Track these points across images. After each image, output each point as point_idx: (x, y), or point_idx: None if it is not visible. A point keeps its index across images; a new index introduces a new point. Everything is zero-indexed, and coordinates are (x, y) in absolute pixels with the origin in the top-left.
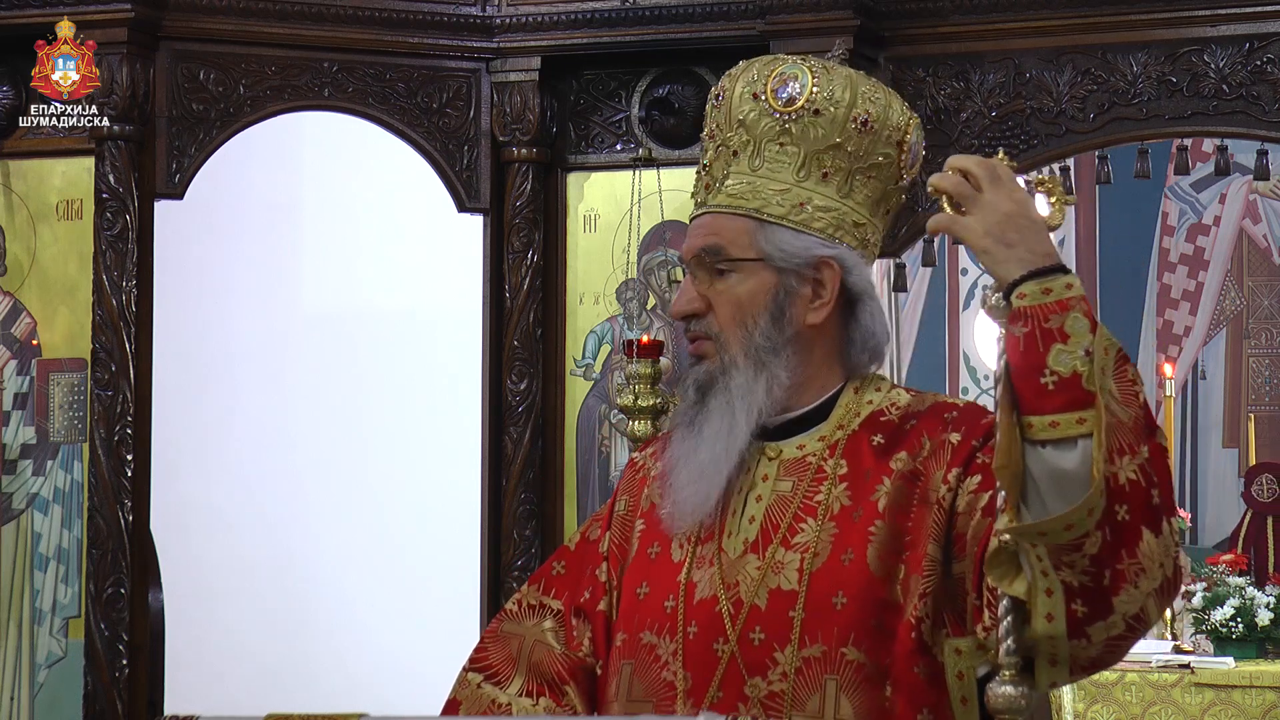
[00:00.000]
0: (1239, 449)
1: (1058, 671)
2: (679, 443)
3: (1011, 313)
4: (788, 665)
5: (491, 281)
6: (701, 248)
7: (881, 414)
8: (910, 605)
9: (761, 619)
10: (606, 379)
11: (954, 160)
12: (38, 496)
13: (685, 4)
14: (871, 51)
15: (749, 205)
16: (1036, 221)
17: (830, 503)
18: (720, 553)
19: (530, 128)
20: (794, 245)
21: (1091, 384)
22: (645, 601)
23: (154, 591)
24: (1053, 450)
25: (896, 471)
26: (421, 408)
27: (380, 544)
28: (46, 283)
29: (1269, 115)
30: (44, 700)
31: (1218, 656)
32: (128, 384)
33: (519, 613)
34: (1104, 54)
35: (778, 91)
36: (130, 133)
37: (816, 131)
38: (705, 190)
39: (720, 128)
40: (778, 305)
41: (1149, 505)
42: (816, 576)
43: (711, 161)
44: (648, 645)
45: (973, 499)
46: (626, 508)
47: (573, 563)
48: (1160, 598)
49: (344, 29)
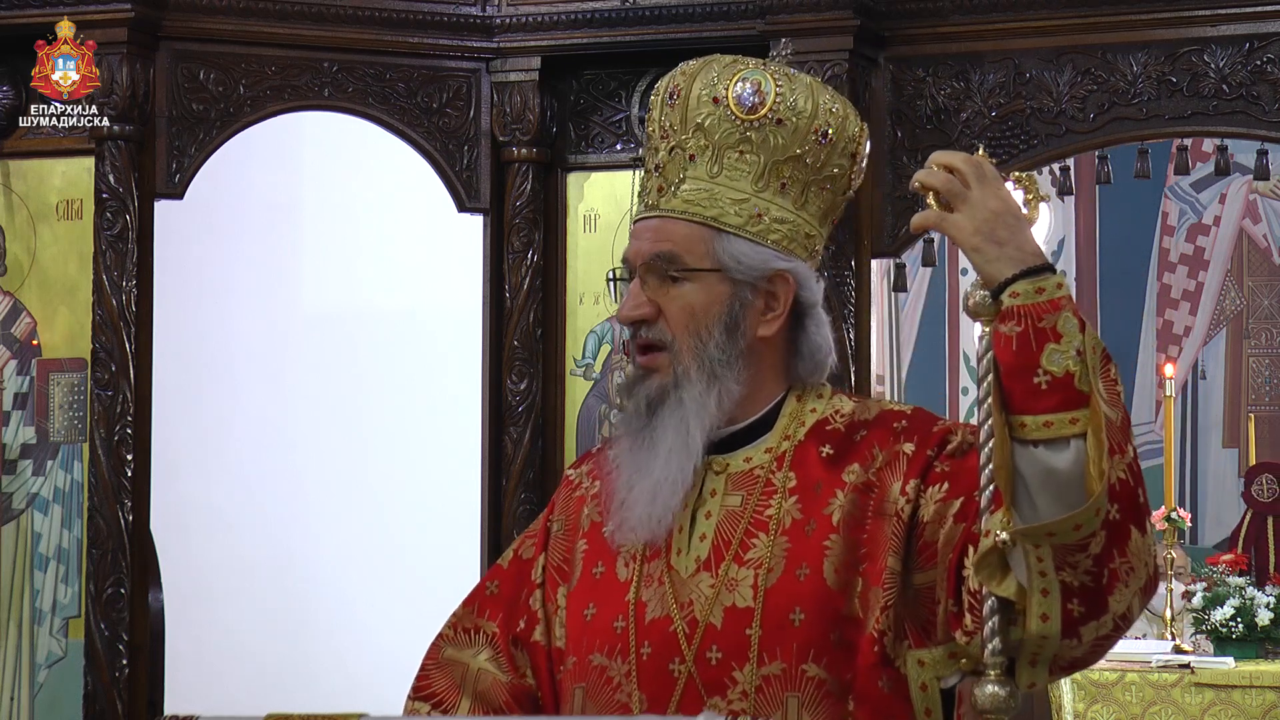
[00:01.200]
0: (1239, 449)
1: (1037, 672)
2: (628, 456)
3: (1002, 311)
4: (747, 684)
5: (491, 281)
6: (655, 253)
7: (827, 422)
8: (871, 619)
9: (718, 638)
10: (606, 379)
11: (938, 156)
12: (38, 496)
13: (685, 4)
14: (871, 51)
15: (706, 213)
16: (1022, 219)
17: (781, 516)
18: (669, 570)
19: (530, 128)
20: (751, 257)
21: (1084, 384)
22: (593, 623)
23: (154, 591)
24: (1045, 450)
25: (849, 484)
26: (421, 408)
27: (380, 544)
28: (46, 283)
29: (1269, 115)
30: (44, 700)
31: (1218, 656)
32: (128, 384)
33: (456, 637)
34: (1104, 54)
35: (740, 98)
36: (130, 133)
37: (778, 141)
38: (658, 193)
39: (674, 128)
40: (732, 317)
41: (1136, 504)
42: (771, 593)
43: (665, 163)
44: (598, 667)
45: (941, 507)
46: (563, 528)
47: (506, 581)
48: (1143, 596)
49: (344, 29)
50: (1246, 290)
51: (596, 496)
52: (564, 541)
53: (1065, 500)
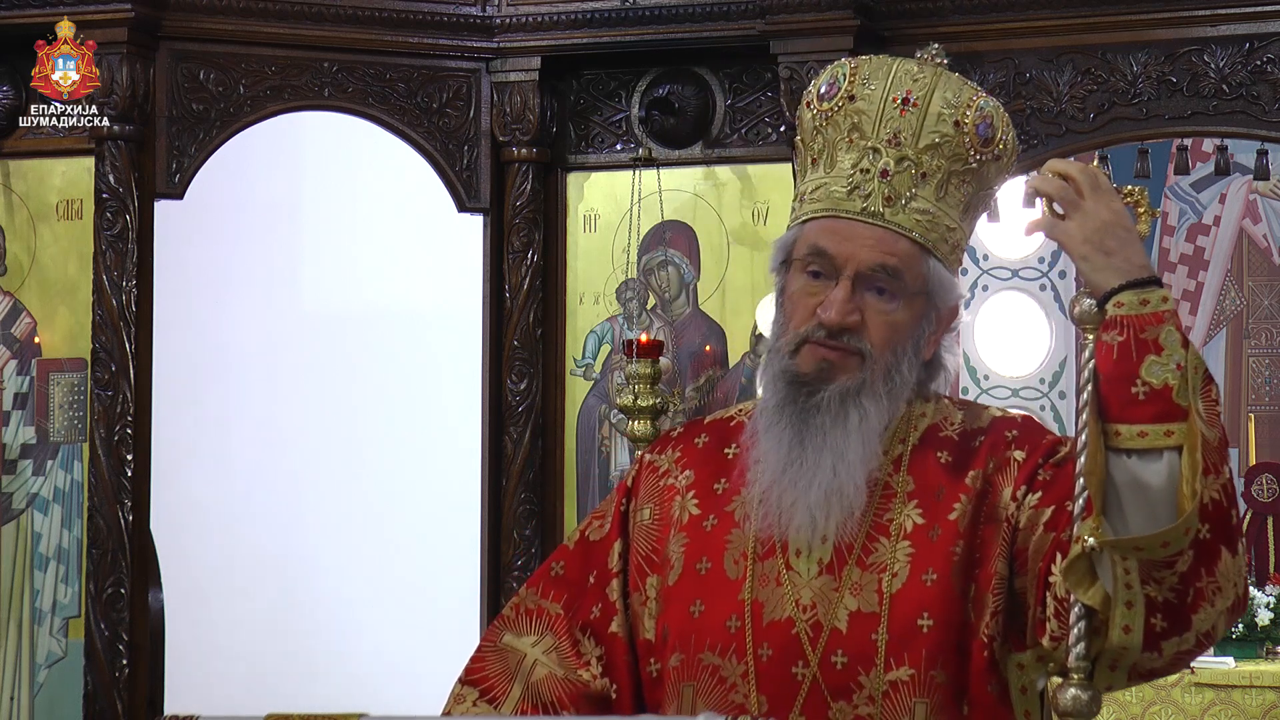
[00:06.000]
0: (1239, 449)
1: (1116, 676)
2: (792, 447)
3: (1106, 320)
4: (874, 689)
5: (491, 281)
6: (880, 265)
7: (939, 429)
8: (982, 623)
9: (843, 642)
10: (606, 379)
11: (1054, 164)
12: (38, 496)
13: (685, 4)
14: (872, 52)
15: (929, 236)
16: (1133, 231)
17: (902, 521)
18: (789, 571)
19: (530, 128)
20: (948, 286)
21: (1183, 398)
22: (702, 620)
23: (154, 591)
24: (1137, 460)
25: (972, 489)
26: (421, 408)
27: (380, 544)
28: (46, 283)
29: (1269, 115)
30: (44, 700)
31: (1218, 656)
32: (128, 384)
33: (517, 619)
34: (1104, 54)
35: (979, 127)
36: (130, 133)
37: (988, 173)
38: (884, 202)
39: (907, 139)
40: (917, 338)
41: (1228, 525)
42: (897, 598)
43: (893, 172)
44: (710, 667)
45: (1033, 514)
46: (654, 517)
47: (572, 563)
48: (1230, 616)
49: (344, 29)
50: (1246, 290)
51: (691, 488)
52: (655, 531)
53: (1156, 517)
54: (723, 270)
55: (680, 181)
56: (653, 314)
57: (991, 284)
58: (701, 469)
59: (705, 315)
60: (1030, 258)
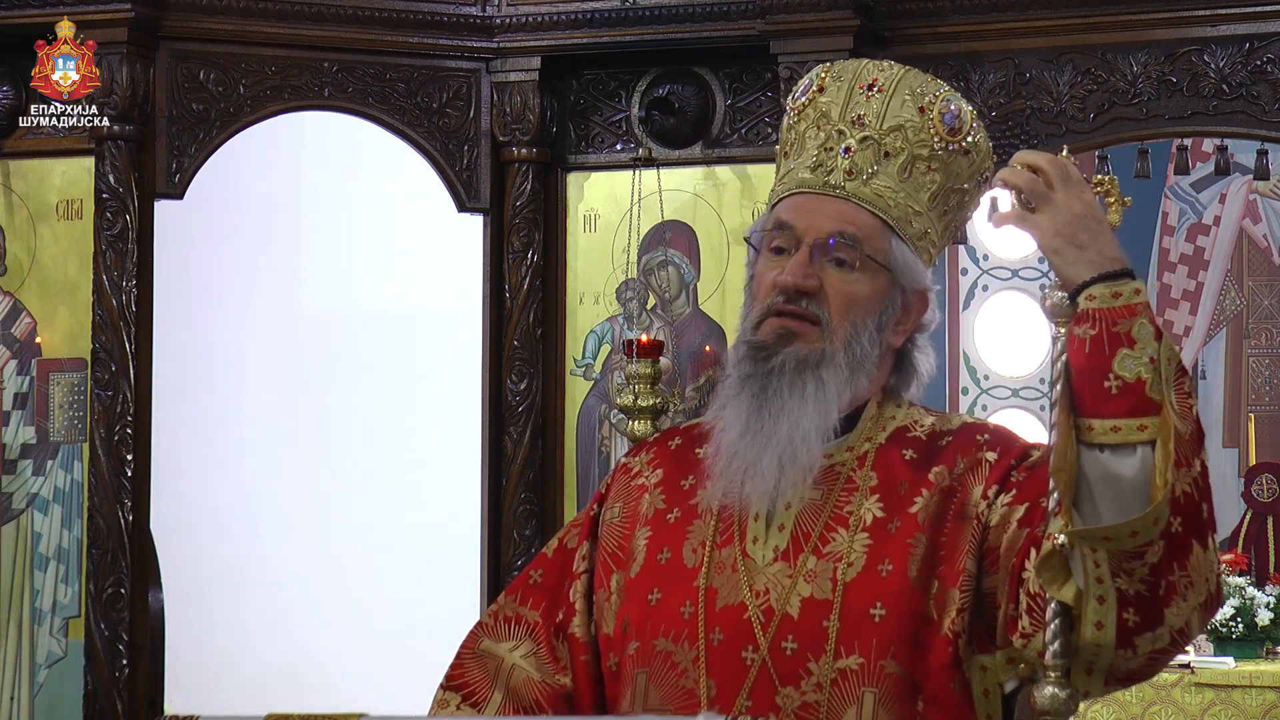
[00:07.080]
0: (1239, 449)
1: (1093, 680)
2: (751, 416)
3: (1078, 314)
4: (822, 676)
5: (491, 281)
6: (838, 232)
7: (907, 430)
8: (947, 620)
9: (794, 628)
10: (606, 379)
11: (1023, 156)
12: (38, 496)
13: (685, 4)
14: (872, 52)
15: (893, 212)
16: (1104, 223)
17: (862, 514)
18: (744, 558)
19: (530, 128)
20: (914, 269)
21: (1155, 392)
22: (658, 608)
23: (154, 591)
24: (1110, 455)
25: (936, 485)
26: (421, 408)
27: (380, 544)
28: (46, 283)
29: (1269, 115)
30: (44, 700)
31: (1218, 656)
32: (128, 384)
33: (495, 626)
34: (1104, 54)
35: (944, 116)
36: (130, 133)
37: (957, 169)
38: (845, 175)
39: (871, 120)
40: (883, 317)
41: (1200, 519)
42: (851, 586)
43: (856, 149)
44: (663, 652)
45: (1006, 512)
46: (621, 515)
47: (550, 571)
48: (1203, 613)
49: (344, 29)
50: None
51: (660, 485)
52: (621, 529)
53: (1128, 509)
54: (723, 270)
55: (680, 181)
56: (653, 314)
57: (991, 284)
58: (671, 468)
59: (705, 315)
60: (1030, 258)
